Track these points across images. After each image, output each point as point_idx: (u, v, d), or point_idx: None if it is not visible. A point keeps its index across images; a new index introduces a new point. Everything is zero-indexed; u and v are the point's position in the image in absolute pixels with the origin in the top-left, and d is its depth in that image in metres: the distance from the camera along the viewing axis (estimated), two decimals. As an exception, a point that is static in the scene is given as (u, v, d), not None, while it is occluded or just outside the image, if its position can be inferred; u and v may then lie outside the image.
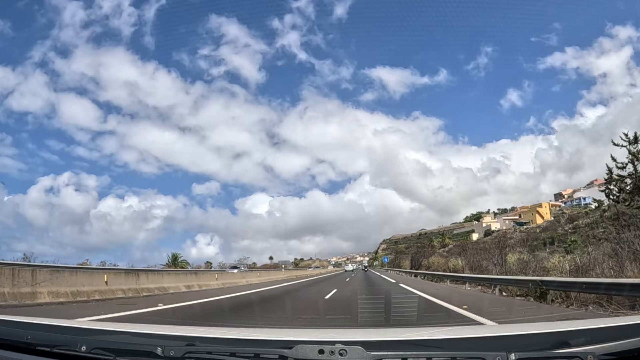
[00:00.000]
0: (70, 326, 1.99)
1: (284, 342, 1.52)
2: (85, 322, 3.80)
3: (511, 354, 1.32)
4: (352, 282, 24.34)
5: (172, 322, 6.83)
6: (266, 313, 8.92)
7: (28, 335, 1.64)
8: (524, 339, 1.60)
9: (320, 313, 8.73)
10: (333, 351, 1.36)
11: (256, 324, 6.73)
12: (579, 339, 1.44)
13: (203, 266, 39.01)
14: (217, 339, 1.87)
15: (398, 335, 1.90)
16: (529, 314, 8.23)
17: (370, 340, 1.63)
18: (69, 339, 1.62)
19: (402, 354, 1.41)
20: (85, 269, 12.70)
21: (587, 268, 11.37)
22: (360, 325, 6.02)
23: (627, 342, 1.36)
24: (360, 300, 10.61)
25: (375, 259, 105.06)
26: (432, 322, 6.90)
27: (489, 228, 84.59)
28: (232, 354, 1.45)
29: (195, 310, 9.67)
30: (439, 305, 9.42)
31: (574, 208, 78.12)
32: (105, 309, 9.12)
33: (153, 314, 8.63)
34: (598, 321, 1.99)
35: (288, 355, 1.39)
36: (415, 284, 19.28)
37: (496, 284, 13.20)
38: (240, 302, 11.71)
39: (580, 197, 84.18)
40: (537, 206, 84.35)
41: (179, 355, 1.46)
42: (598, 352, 1.33)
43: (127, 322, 5.28)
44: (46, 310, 8.37)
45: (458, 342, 1.67)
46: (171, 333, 1.91)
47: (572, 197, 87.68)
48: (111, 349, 1.53)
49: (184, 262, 36.96)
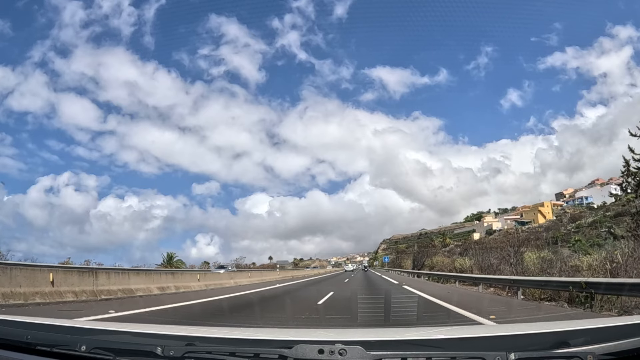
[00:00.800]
0: (70, 326, 1.99)
1: (284, 341, 1.52)
2: (85, 321, 3.81)
3: (511, 353, 1.32)
4: (351, 282, 23.83)
5: (172, 321, 6.83)
6: (261, 315, 8.59)
7: (28, 335, 1.64)
8: (523, 338, 1.60)
9: (319, 313, 8.73)
10: (333, 351, 1.36)
11: (256, 323, 6.73)
12: (579, 338, 1.44)
13: (197, 266, 37.45)
14: (216, 338, 1.87)
15: (398, 335, 1.90)
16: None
17: (370, 340, 1.63)
18: (68, 338, 1.62)
19: (402, 354, 1.41)
20: (26, 266, 10.87)
21: (620, 268, 9.90)
22: (360, 325, 6.01)
23: (627, 342, 1.36)
24: (360, 300, 10.60)
25: (376, 259, 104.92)
26: (432, 322, 6.90)
27: (490, 228, 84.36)
28: (231, 353, 1.45)
29: (149, 317, 8.39)
30: (461, 315, 7.70)
31: (576, 207, 78.06)
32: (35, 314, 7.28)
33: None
34: (597, 321, 2.00)
35: (288, 355, 1.39)
36: (421, 286, 17.67)
37: (518, 286, 11.67)
38: (215, 307, 10.66)
39: (582, 196, 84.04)
40: (539, 205, 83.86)
41: (179, 355, 1.46)
42: (598, 352, 1.33)
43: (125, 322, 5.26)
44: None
45: (458, 342, 1.67)
46: (171, 333, 1.91)
47: (574, 196, 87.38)
48: (111, 348, 1.53)
49: (180, 262, 36.01)
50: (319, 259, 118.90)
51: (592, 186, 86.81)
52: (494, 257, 19.28)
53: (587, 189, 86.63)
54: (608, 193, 57.58)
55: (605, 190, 78.85)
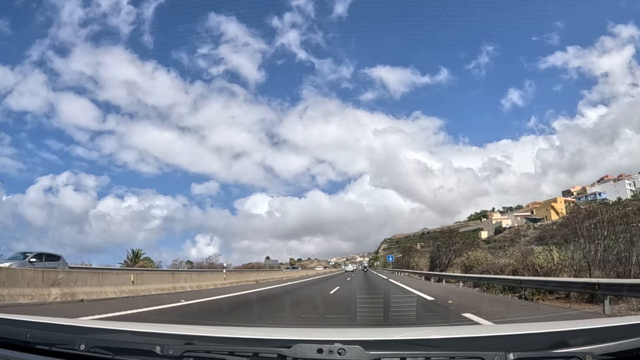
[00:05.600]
0: (69, 325, 1.98)
1: (283, 341, 1.52)
2: (84, 320, 3.81)
3: (510, 353, 1.32)
4: (343, 292, 15.13)
5: (171, 321, 6.82)
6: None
7: (27, 333, 1.64)
8: (522, 338, 1.59)
9: (319, 312, 8.73)
10: (332, 350, 1.36)
11: (255, 323, 6.71)
12: (578, 339, 1.44)
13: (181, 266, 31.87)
14: (215, 337, 1.87)
15: (397, 335, 1.89)
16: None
17: (369, 339, 1.62)
18: (67, 337, 1.62)
19: (401, 354, 1.40)
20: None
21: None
22: (359, 325, 6.01)
23: (626, 342, 1.36)
24: (359, 299, 10.59)
25: (377, 259, 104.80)
26: (431, 321, 6.90)
27: (499, 225, 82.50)
28: (230, 352, 1.45)
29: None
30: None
31: (590, 203, 76.64)
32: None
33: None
34: (597, 321, 1.99)
35: (287, 355, 1.39)
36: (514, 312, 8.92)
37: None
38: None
39: (595, 191, 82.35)
40: (552, 201, 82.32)
41: (178, 354, 1.45)
42: (596, 352, 1.33)
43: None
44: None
45: (457, 341, 1.67)
46: (170, 332, 1.90)
47: (586, 192, 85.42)
48: (110, 347, 1.53)
49: (147, 260, 30.36)
50: (317, 259, 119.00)
51: (603, 182, 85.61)
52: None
53: (599, 185, 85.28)
54: (628, 189, 55.49)
55: (619, 185, 77.96)
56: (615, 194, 71.83)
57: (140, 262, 29.45)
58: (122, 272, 13.43)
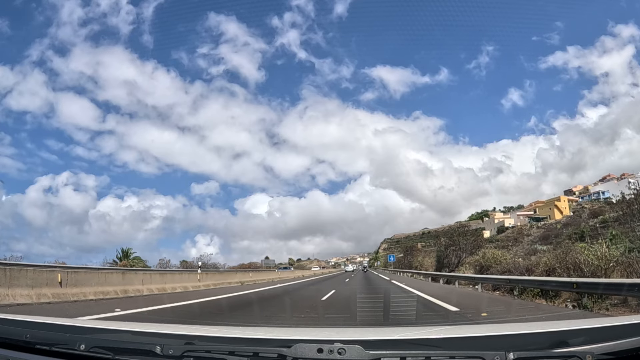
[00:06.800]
0: (69, 325, 1.99)
1: (283, 340, 1.52)
2: (84, 320, 3.81)
3: (509, 353, 1.32)
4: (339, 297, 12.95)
5: (172, 320, 6.82)
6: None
7: (27, 333, 1.64)
8: (522, 338, 1.60)
9: (318, 312, 8.74)
10: (332, 350, 1.36)
11: (255, 323, 6.72)
12: (578, 338, 1.44)
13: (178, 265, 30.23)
14: (216, 337, 1.87)
15: (397, 334, 1.90)
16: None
17: (369, 339, 1.63)
18: (67, 337, 1.62)
19: (401, 353, 1.40)
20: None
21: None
22: (359, 324, 6.01)
23: (625, 341, 1.36)
24: (359, 299, 10.59)
25: (377, 259, 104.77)
26: (431, 321, 6.90)
27: (502, 224, 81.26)
28: (231, 352, 1.45)
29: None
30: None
31: (594, 202, 75.77)
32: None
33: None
34: (596, 321, 2.00)
35: (287, 354, 1.39)
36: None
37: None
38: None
39: (599, 190, 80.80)
40: (555, 200, 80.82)
41: (178, 354, 1.45)
42: (596, 352, 1.33)
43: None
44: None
45: (457, 341, 1.67)
46: (170, 332, 1.90)
47: (589, 191, 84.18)
48: (110, 347, 1.53)
49: (137, 260, 28.36)
50: (317, 259, 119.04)
51: (606, 181, 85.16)
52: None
53: (602, 184, 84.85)
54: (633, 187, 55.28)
55: (622, 185, 77.54)
56: (618, 194, 71.23)
57: (123, 262, 27.44)
58: (44, 269, 10.82)
